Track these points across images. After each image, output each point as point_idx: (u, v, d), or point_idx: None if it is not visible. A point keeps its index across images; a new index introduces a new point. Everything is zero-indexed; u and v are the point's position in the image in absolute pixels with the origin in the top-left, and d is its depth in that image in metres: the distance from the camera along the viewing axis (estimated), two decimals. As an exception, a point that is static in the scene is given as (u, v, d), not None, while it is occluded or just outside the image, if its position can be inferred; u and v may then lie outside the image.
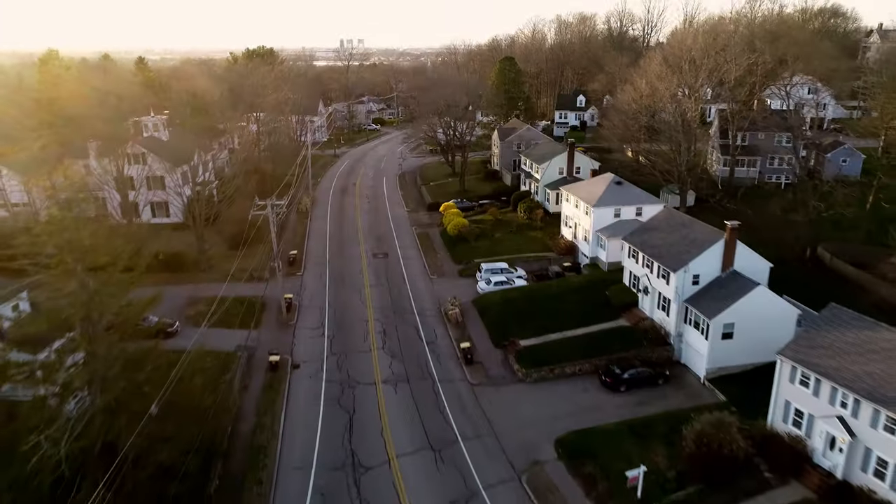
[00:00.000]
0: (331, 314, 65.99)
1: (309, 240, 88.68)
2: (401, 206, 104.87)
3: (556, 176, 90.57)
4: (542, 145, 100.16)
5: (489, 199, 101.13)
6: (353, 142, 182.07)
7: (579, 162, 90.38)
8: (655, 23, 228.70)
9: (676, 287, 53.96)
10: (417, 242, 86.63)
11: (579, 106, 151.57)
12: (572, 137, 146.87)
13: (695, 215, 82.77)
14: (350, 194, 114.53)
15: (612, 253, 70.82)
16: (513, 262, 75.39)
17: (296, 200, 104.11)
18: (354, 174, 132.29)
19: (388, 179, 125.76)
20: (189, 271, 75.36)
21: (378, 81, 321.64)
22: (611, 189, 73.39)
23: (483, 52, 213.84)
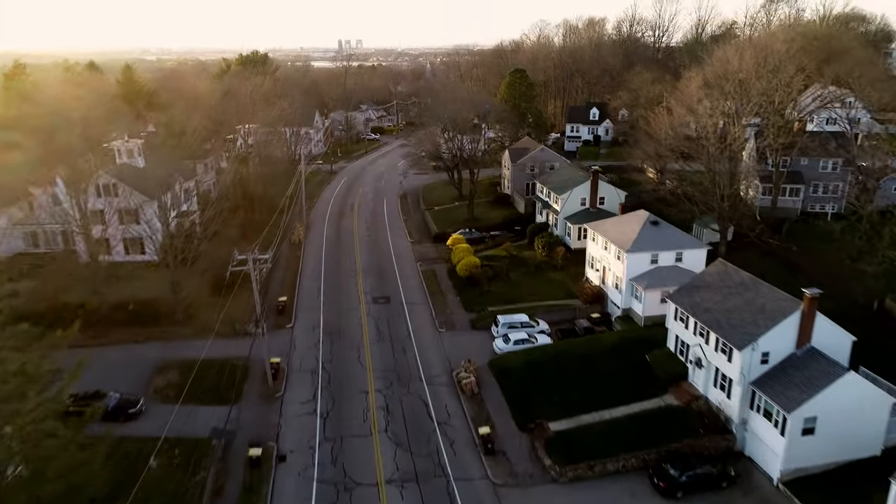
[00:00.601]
0: (324, 382, 56.47)
1: (301, 279, 79.12)
2: (403, 236, 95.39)
3: (578, 207, 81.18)
4: (559, 171, 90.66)
5: (501, 230, 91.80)
6: (352, 154, 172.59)
7: (603, 191, 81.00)
8: (667, 27, 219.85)
9: (742, 367, 44.54)
10: (423, 283, 77.16)
11: (593, 119, 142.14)
12: (585, 152, 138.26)
13: (735, 253, 73.83)
14: (348, 219, 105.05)
15: (649, 306, 61.44)
16: (533, 313, 65.98)
17: (288, 233, 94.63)
18: (352, 194, 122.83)
19: (388, 201, 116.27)
20: (163, 324, 65.84)
21: (376, 86, 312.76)
22: (646, 231, 63.96)
23: (487, 59, 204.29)
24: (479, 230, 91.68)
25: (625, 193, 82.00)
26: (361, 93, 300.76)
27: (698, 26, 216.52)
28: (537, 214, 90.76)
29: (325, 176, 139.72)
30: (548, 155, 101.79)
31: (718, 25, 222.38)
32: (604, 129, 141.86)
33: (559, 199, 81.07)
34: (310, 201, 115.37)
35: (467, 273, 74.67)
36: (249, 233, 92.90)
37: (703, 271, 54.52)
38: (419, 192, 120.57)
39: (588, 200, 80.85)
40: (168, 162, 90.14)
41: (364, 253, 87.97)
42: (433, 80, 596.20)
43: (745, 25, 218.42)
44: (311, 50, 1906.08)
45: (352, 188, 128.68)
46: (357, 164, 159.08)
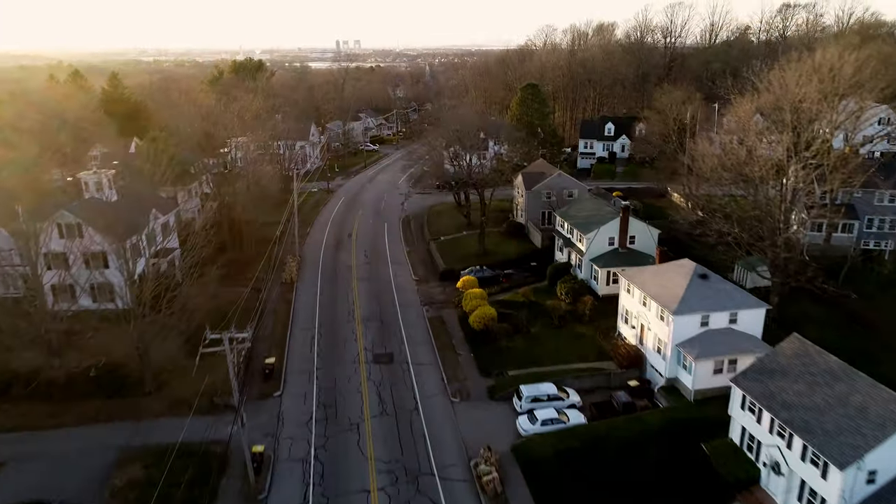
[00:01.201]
0: (317, 476, 47.12)
1: (292, 331, 69.66)
2: (407, 272, 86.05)
3: (605, 247, 71.91)
4: (581, 202, 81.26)
5: (515, 268, 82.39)
6: (350, 170, 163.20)
7: (634, 230, 71.70)
8: (679, 33, 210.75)
9: (843, 489, 35.31)
10: (431, 334, 67.81)
11: (607, 135, 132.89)
12: (600, 171, 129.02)
13: (786, 302, 64.71)
14: (346, 250, 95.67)
15: (700, 377, 52.23)
16: (561, 380, 56.79)
17: (280, 269, 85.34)
18: (351, 217, 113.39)
19: (390, 227, 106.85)
20: (131, 394, 56.59)
21: (375, 91, 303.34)
22: (694, 286, 54.68)
23: (492, 67, 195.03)
24: (492, 267, 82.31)
25: (658, 232, 72.66)
26: (360, 98, 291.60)
27: (711, 32, 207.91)
28: (557, 251, 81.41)
29: (321, 196, 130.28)
30: (566, 181, 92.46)
31: (731, 30, 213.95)
32: (619, 145, 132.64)
33: (584, 239, 71.73)
34: (304, 227, 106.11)
35: (482, 326, 65.40)
36: (236, 270, 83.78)
37: (777, 350, 45.17)
38: (423, 217, 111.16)
39: (617, 240, 71.57)
40: (145, 192, 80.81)
41: (363, 295, 78.55)
42: (432, 82, 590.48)
43: (761, 31, 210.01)
44: (309, 50, 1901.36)
45: (350, 210, 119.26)
46: (356, 180, 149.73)
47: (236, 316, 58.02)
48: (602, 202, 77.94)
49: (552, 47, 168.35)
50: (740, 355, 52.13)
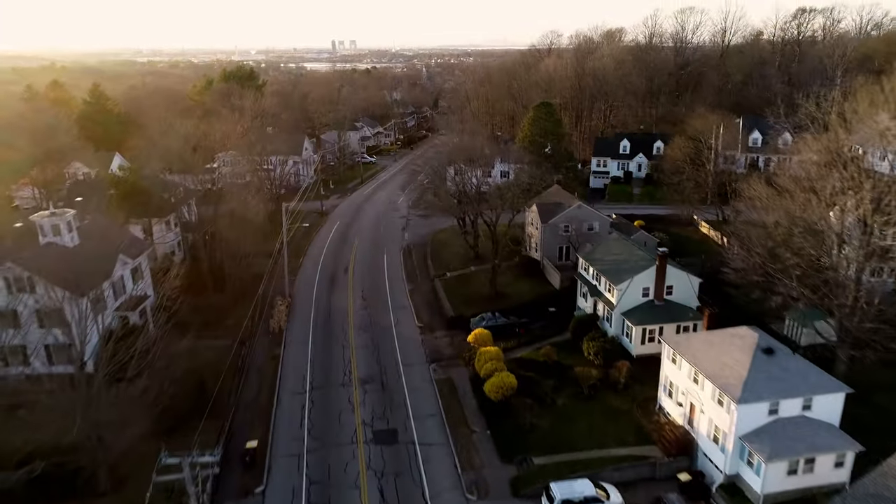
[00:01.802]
0: None
1: (279, 401, 60.13)
2: (409, 318, 76.67)
3: (639, 299, 62.75)
4: (608, 243, 71.79)
5: (531, 315, 73.02)
6: (346, 186, 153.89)
7: (672, 278, 62.52)
8: (690, 39, 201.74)
9: None
10: (440, 404, 58.52)
11: (623, 153, 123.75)
12: (616, 192, 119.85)
13: (850, 368, 55.62)
14: (341, 289, 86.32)
15: (772, 481, 43.11)
16: (598, 472, 47.65)
17: (267, 316, 76.09)
18: (347, 247, 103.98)
19: (390, 258, 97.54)
20: (82, 494, 47.16)
21: (371, 96, 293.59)
22: (759, 365, 45.52)
23: (494, 75, 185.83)
24: (505, 313, 73.05)
25: (699, 281, 63.47)
26: (356, 106, 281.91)
27: (723, 38, 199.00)
28: (579, 296, 72.15)
29: (314, 219, 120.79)
30: (586, 213, 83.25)
31: (745, 36, 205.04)
32: (636, 164, 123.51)
33: (614, 290, 62.50)
34: (296, 259, 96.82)
35: (499, 396, 56.21)
36: (219, 315, 74.37)
37: (889, 463, 35.99)
38: (426, 247, 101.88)
39: (652, 291, 62.40)
40: (112, 231, 71.31)
41: (361, 349, 69.14)
42: (430, 84, 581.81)
43: (775, 37, 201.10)
44: (305, 51, 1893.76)
45: (346, 237, 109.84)
46: (352, 200, 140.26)
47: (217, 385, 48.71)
48: (631, 245, 68.62)
49: (558, 55, 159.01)
50: (820, 454, 43.10)
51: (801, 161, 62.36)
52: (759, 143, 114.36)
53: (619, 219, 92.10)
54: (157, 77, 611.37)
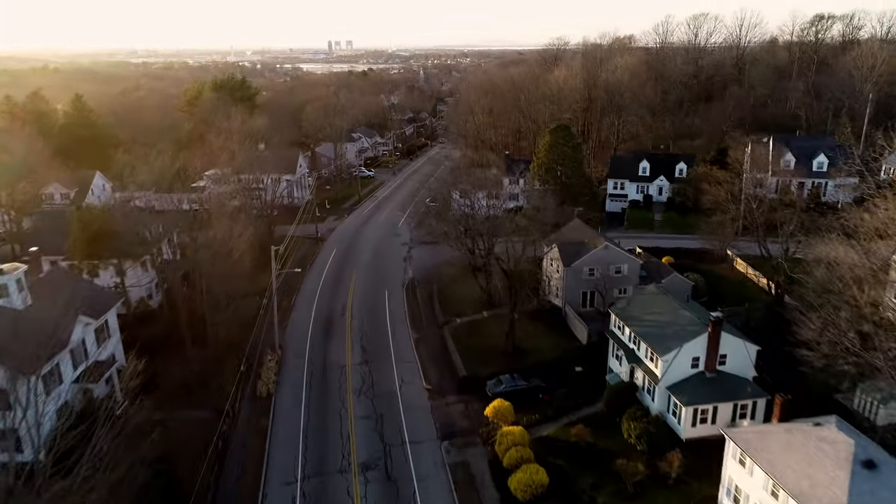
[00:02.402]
0: None
1: (266, 491, 50.99)
2: (416, 376, 67.40)
3: (687, 371, 53.71)
4: (645, 297, 62.56)
5: (555, 376, 64.01)
6: (343, 205, 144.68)
7: (726, 346, 53.49)
8: (703, 45, 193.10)
9: None
10: (455, 499, 49.45)
11: (642, 175, 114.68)
12: (636, 218, 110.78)
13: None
14: (338, 337, 77.07)
15: None
16: None
17: (253, 375, 66.90)
18: (344, 283, 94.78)
19: (392, 299, 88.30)
20: None
21: (368, 104, 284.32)
22: (861, 485, 36.49)
23: (497, 84, 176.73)
24: (526, 373, 64.04)
25: (756, 349, 54.40)
26: (353, 114, 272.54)
27: (737, 46, 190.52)
28: (611, 356, 63.07)
29: (309, 248, 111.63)
30: (614, 255, 74.17)
31: (760, 43, 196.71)
32: (657, 187, 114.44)
33: (658, 361, 53.44)
34: (288, 297, 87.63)
35: (528, 496, 47.14)
36: (198, 376, 65.08)
37: None
38: (432, 282, 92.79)
39: (703, 361, 53.38)
40: (74, 283, 61.93)
41: (361, 421, 59.79)
42: (427, 87, 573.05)
43: (792, 44, 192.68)
44: (301, 51, 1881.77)
45: (344, 269, 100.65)
46: (350, 221, 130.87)
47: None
48: (672, 301, 59.38)
49: (567, 66, 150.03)
50: None
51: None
52: (791, 165, 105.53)
53: (647, 256, 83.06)
54: (151, 79, 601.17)
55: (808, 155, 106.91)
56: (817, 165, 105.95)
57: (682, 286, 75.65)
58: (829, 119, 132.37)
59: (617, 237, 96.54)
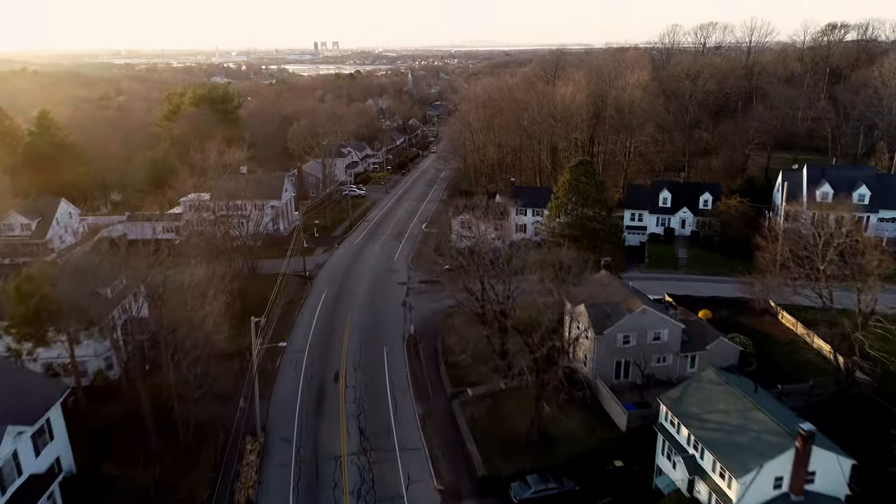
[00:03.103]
0: None
1: None
2: (424, 471, 56.60)
3: (769, 491, 43.39)
4: (704, 388, 51.95)
5: (588, 472, 53.64)
6: (332, 232, 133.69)
7: (816, 462, 43.21)
8: (712, 56, 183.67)
9: None
10: None
11: (663, 206, 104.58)
12: (658, 255, 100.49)
13: None
14: (331, 414, 66.00)
15: None
16: None
17: (233, 476, 55.95)
18: (336, 336, 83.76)
19: (391, 359, 77.37)
20: None
21: (358, 114, 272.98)
22: None
23: (496, 99, 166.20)
24: (556, 472, 53.69)
25: (851, 463, 44.16)
26: (344, 126, 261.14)
27: (748, 56, 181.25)
28: (660, 454, 52.64)
29: (297, 289, 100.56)
30: (652, 320, 63.72)
31: (772, 54, 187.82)
32: (679, 220, 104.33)
33: (733, 481, 43.07)
34: (272, 360, 76.52)
35: None
36: (162, 487, 53.84)
37: None
38: (436, 335, 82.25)
39: (788, 481, 43.10)
40: (4, 379, 50.60)
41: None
42: (416, 91, 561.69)
43: (804, 53, 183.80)
44: (287, 52, 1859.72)
45: (335, 318, 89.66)
46: (340, 254, 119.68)
47: None
48: (742, 397, 48.90)
49: (572, 81, 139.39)
50: None
51: None
52: (829, 197, 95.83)
53: (684, 313, 72.84)
54: (134, 81, 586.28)
55: (846, 185, 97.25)
56: (858, 197, 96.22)
57: (729, 353, 65.72)
58: (861, 142, 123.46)
59: (636, 277, 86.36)
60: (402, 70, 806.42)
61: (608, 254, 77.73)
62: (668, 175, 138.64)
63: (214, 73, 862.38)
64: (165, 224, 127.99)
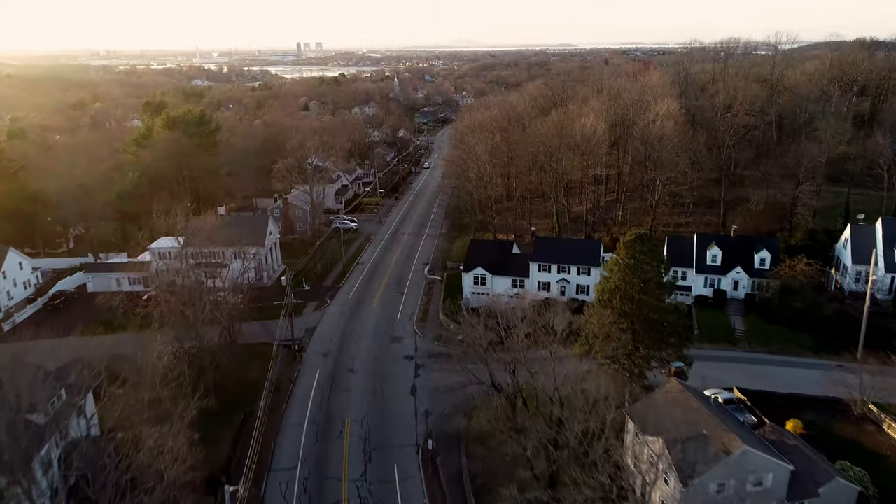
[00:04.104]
0: None
1: None
2: None
3: None
4: None
5: None
6: (324, 281, 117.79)
7: None
8: (734, 74, 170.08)
9: None
10: None
11: (711, 264, 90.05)
12: (710, 327, 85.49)
13: None
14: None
15: None
16: None
17: None
18: (333, 451, 68.15)
19: (404, 482, 62.09)
20: None
21: (348, 130, 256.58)
22: None
23: (496, 121, 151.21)
24: None
25: None
26: (330, 141, 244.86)
27: (772, 72, 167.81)
28: None
29: (285, 366, 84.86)
30: (754, 462, 48.87)
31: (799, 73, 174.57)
32: (731, 281, 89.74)
33: None
34: (256, 487, 60.83)
35: None
36: None
37: None
38: (459, 447, 66.80)
39: None
40: None
41: None
42: (402, 96, 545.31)
43: (832, 68, 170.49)
44: (269, 52, 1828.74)
45: (331, 416, 73.93)
46: (334, 313, 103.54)
47: None
48: None
49: (591, 110, 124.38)
50: None
51: None
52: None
53: (773, 429, 58.15)
54: (112, 86, 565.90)
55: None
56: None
57: (847, 496, 51.15)
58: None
59: (690, 354, 71.54)
60: (386, 73, 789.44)
61: (673, 350, 62.60)
62: (699, 214, 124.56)
63: (195, 76, 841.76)
64: (131, 275, 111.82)
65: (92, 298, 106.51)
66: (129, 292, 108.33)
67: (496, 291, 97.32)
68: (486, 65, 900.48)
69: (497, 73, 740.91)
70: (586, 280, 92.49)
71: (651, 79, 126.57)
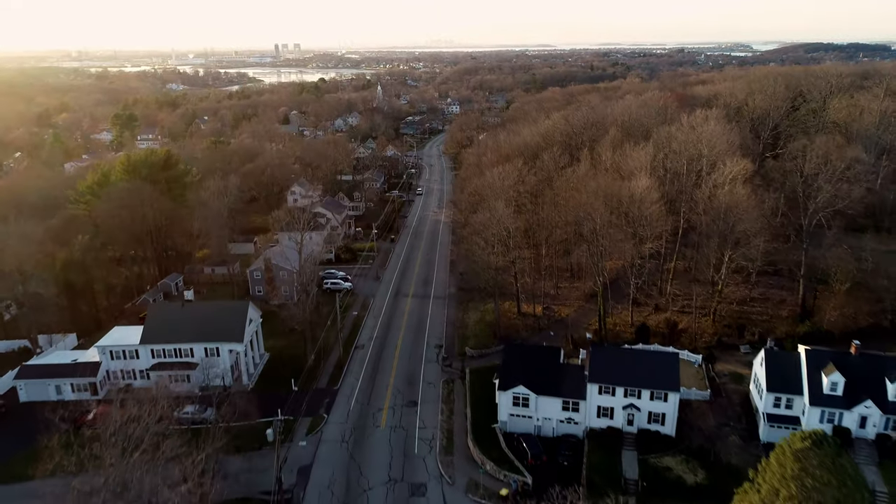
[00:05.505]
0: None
1: None
2: None
3: None
4: None
5: None
6: (316, 382, 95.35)
7: None
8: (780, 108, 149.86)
9: None
10: None
11: (830, 393, 69.12)
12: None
13: None
14: None
15: None
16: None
17: None
18: None
19: None
20: None
21: (334, 155, 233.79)
22: None
23: (501, 147, 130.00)
24: None
25: None
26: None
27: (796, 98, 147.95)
28: None
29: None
30: None
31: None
32: (857, 417, 68.79)
33: None
34: None
35: None
36: None
37: None
38: None
39: None
40: None
41: None
42: (386, 105, 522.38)
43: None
44: (246, 53, 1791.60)
45: None
46: (332, 442, 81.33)
47: None
48: None
49: (643, 170, 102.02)
50: None
51: None
52: None
53: None
54: (81, 93, 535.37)
55: None
56: None
57: None
58: None
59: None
60: (368, 78, 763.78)
61: None
62: (766, 286, 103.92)
63: (170, 80, 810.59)
64: (76, 381, 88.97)
65: (26, 411, 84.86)
66: (75, 402, 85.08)
67: (542, 415, 76.54)
68: (468, 68, 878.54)
69: (481, 78, 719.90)
70: (662, 407, 71.68)
71: (708, 129, 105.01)
